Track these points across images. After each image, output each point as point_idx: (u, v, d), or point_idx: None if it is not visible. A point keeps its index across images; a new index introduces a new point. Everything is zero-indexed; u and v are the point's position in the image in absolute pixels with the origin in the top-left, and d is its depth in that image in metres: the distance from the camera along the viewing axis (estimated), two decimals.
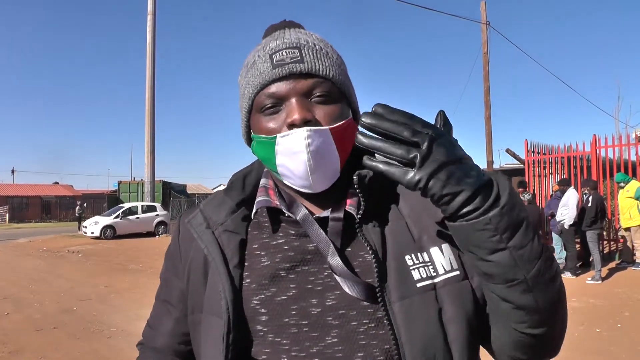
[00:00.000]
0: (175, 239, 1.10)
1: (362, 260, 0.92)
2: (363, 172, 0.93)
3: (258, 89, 0.91)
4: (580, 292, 8.85)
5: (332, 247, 0.90)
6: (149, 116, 24.06)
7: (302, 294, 0.92)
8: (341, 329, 0.88)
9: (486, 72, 14.75)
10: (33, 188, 55.29)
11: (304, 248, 0.95)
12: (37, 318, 7.86)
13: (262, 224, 0.99)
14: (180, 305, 1.06)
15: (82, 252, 17.62)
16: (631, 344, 5.91)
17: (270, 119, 0.91)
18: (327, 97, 0.91)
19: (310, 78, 0.90)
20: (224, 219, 1.00)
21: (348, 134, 0.93)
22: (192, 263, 1.01)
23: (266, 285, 0.93)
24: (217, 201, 1.05)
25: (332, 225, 0.93)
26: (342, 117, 0.92)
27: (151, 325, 1.15)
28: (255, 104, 0.93)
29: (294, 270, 0.93)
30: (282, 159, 0.91)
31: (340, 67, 0.96)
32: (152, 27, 24.04)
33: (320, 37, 0.98)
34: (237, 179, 1.05)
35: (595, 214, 10.01)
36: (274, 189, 1.01)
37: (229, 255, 0.96)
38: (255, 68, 0.92)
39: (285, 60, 0.90)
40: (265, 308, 0.92)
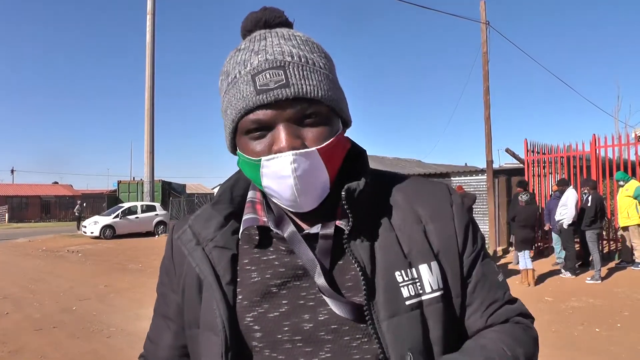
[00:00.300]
0: (168, 254, 1.08)
1: (353, 274, 0.90)
2: (352, 185, 0.91)
3: (242, 114, 0.87)
4: (580, 291, 8.86)
5: (318, 268, 0.88)
6: (149, 116, 24.04)
7: (294, 309, 0.91)
8: (334, 344, 0.88)
9: (486, 72, 14.73)
10: (32, 188, 55.27)
11: (294, 264, 0.92)
12: (37, 318, 7.86)
13: (253, 238, 0.96)
14: (178, 319, 1.05)
15: (81, 252, 17.61)
16: (631, 343, 5.91)
17: (257, 143, 0.88)
18: (316, 119, 0.87)
19: (297, 102, 0.85)
20: (213, 234, 0.98)
21: (338, 150, 0.91)
22: (186, 278, 1.00)
23: (258, 302, 0.92)
24: (206, 215, 1.01)
25: (322, 243, 0.91)
26: (331, 134, 0.89)
27: (151, 338, 1.14)
28: (240, 127, 0.89)
29: (285, 286, 0.92)
30: (268, 182, 0.88)
31: (328, 77, 0.90)
32: (151, 26, 24.01)
33: (304, 39, 0.92)
34: (224, 192, 1.03)
35: (595, 214, 10.02)
36: (262, 202, 0.99)
37: (221, 272, 0.94)
38: (237, 89, 0.87)
39: (269, 84, 0.84)
40: (259, 325, 0.91)
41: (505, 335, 0.92)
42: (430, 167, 26.01)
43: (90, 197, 49.35)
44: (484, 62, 14.76)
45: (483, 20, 14.86)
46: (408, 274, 0.90)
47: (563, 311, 7.65)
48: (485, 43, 14.79)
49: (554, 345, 5.93)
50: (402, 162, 27.78)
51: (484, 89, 14.66)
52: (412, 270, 0.90)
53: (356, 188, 0.91)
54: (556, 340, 6.16)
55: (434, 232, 0.96)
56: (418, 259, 0.92)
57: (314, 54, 0.91)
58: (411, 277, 0.90)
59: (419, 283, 0.90)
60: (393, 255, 0.91)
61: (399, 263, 0.90)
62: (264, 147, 0.87)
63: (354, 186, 0.91)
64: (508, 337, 0.91)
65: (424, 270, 0.91)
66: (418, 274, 0.91)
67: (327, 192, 0.92)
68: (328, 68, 0.92)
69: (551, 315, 7.43)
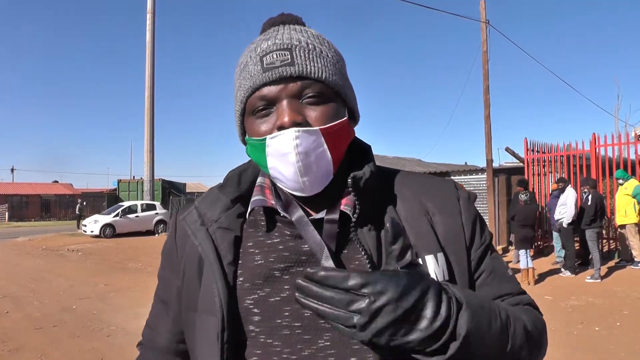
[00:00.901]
0: (171, 236, 1.09)
1: (358, 263, 0.90)
2: (358, 173, 0.92)
3: (249, 92, 0.90)
4: (580, 290, 8.87)
5: (325, 251, 0.88)
6: (149, 115, 24.04)
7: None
8: (334, 333, 0.88)
9: (485, 71, 14.74)
10: (32, 186, 55.26)
11: (299, 249, 0.93)
12: (37, 316, 7.86)
13: (258, 222, 0.97)
14: (177, 303, 1.05)
15: (81, 251, 17.61)
16: (630, 342, 5.92)
17: (262, 121, 0.90)
18: (319, 98, 0.89)
19: (301, 80, 0.88)
20: (218, 215, 0.99)
21: (342, 135, 0.92)
22: (187, 260, 1.00)
23: (260, 285, 0.92)
24: (212, 197, 1.03)
25: (327, 227, 0.92)
26: (335, 117, 0.90)
27: (150, 325, 1.14)
28: (248, 107, 0.92)
29: (288, 271, 0.92)
30: (272, 161, 0.89)
31: (335, 66, 0.93)
32: (151, 25, 23.99)
33: (316, 34, 0.96)
34: (232, 176, 1.04)
35: (595, 213, 10.02)
36: (270, 188, 1.00)
37: (223, 252, 0.94)
38: (247, 70, 0.91)
39: (275, 63, 0.88)
40: (259, 308, 0.91)
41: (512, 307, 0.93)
42: (430, 166, 26.01)
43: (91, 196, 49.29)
44: (483, 61, 14.76)
45: (483, 19, 14.86)
46: None
47: (563, 310, 7.66)
48: (485, 42, 14.79)
49: (554, 344, 5.92)
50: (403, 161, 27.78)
51: (484, 88, 14.66)
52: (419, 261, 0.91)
53: (362, 176, 0.92)
54: (556, 339, 6.16)
55: (441, 225, 0.97)
56: (424, 250, 0.93)
57: (323, 46, 0.94)
58: None
59: None
60: None
61: None
62: (269, 125, 0.89)
63: (360, 174, 0.92)
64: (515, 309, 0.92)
65: (430, 261, 0.92)
66: (424, 264, 0.91)
67: (330, 177, 0.92)
68: (336, 59, 0.95)
69: (551, 314, 7.43)
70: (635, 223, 10.26)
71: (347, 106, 0.96)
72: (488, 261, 1.00)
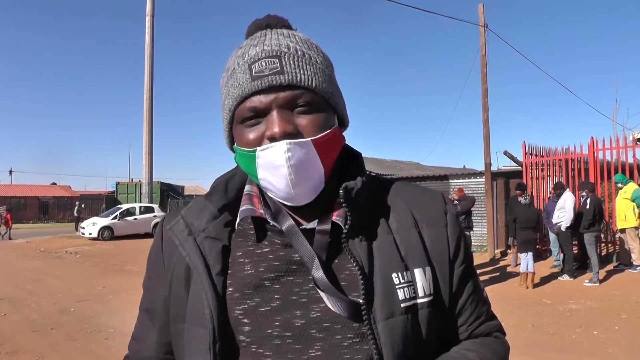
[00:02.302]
0: (157, 245, 1.06)
1: (348, 273, 0.90)
2: (350, 184, 0.91)
3: (238, 102, 0.88)
4: (578, 294, 8.87)
5: (316, 261, 0.88)
6: (147, 117, 24.05)
7: (286, 305, 0.90)
8: (325, 342, 0.87)
9: (484, 74, 14.75)
10: (31, 189, 55.16)
11: (289, 258, 0.92)
12: (35, 319, 7.85)
13: (247, 232, 0.96)
14: (163, 314, 1.02)
15: (79, 253, 17.59)
16: (628, 346, 5.92)
17: (251, 130, 0.88)
18: (310, 107, 0.87)
19: (291, 89, 0.86)
20: (205, 225, 0.97)
21: (333, 144, 0.91)
22: (175, 271, 0.98)
23: (250, 294, 0.91)
24: (199, 206, 1.01)
25: (318, 238, 0.91)
26: (326, 126, 0.89)
27: (136, 337, 1.11)
28: (236, 116, 0.90)
29: (278, 281, 0.91)
30: (263, 173, 0.88)
31: (324, 72, 0.91)
32: (150, 28, 24.02)
33: (304, 38, 0.94)
34: (219, 184, 1.02)
35: (593, 217, 10.03)
36: (258, 196, 0.98)
37: (211, 262, 0.93)
38: (235, 78, 0.89)
39: (264, 71, 0.86)
40: (248, 318, 0.89)
41: (485, 347, 0.97)
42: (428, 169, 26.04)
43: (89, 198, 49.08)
44: (482, 65, 14.78)
45: (481, 23, 14.89)
46: (404, 277, 0.90)
47: (561, 314, 7.66)
48: (484, 46, 14.81)
49: (552, 348, 5.94)
50: (401, 164, 27.82)
51: (483, 91, 14.68)
52: (408, 274, 0.91)
53: (354, 187, 0.91)
54: (554, 343, 6.17)
55: (428, 238, 0.97)
56: (414, 263, 0.93)
57: (312, 51, 0.92)
58: (407, 279, 0.90)
59: (413, 287, 0.91)
60: (390, 256, 0.91)
61: (396, 265, 0.91)
62: (258, 135, 0.87)
63: (351, 185, 0.91)
64: (487, 350, 0.96)
65: (419, 275, 0.92)
66: (413, 277, 0.91)
67: (322, 186, 0.91)
68: (325, 65, 0.93)
69: (549, 317, 7.44)
70: (635, 227, 10.28)
71: (337, 113, 0.95)
72: (470, 283, 1.01)
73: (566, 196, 10.29)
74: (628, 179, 10.79)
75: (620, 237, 10.93)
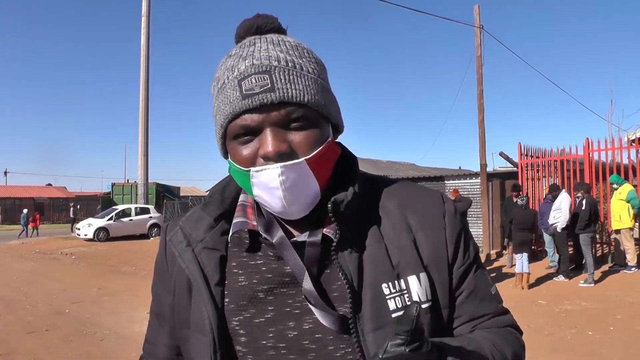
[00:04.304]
0: (162, 253, 1.08)
1: (340, 284, 0.90)
2: (339, 197, 0.90)
3: (229, 119, 0.87)
4: (573, 295, 8.90)
5: (306, 274, 0.88)
6: (143, 118, 23.98)
7: (279, 316, 0.91)
8: (318, 353, 0.88)
9: (479, 76, 14.78)
10: (26, 189, 54.97)
11: (282, 271, 0.92)
12: (30, 320, 7.82)
13: (243, 240, 0.97)
14: (171, 318, 1.05)
15: (75, 254, 17.54)
16: (623, 346, 5.94)
17: (244, 147, 0.88)
18: (303, 123, 0.86)
19: (283, 107, 0.84)
20: (202, 235, 0.98)
21: (328, 158, 0.90)
22: (177, 278, 1.00)
23: (244, 306, 0.92)
24: (196, 217, 1.02)
25: (309, 250, 0.91)
26: (320, 141, 0.88)
27: (149, 339, 1.14)
28: (229, 133, 0.89)
29: (272, 293, 0.92)
30: (258, 191, 0.88)
31: (317, 82, 0.89)
32: (146, 28, 23.96)
33: (294, 44, 0.92)
34: (215, 193, 1.03)
35: (589, 217, 10.05)
36: (253, 206, 0.99)
37: (209, 273, 0.94)
38: (225, 94, 0.87)
39: (254, 89, 0.83)
40: (244, 329, 0.91)
41: (495, 335, 0.94)
42: (424, 170, 26.04)
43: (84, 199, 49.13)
44: (477, 66, 14.82)
45: (477, 24, 14.92)
46: (395, 286, 0.90)
47: (556, 314, 7.68)
48: (479, 47, 14.85)
49: (548, 349, 5.95)
50: (397, 165, 27.83)
51: (478, 93, 14.71)
52: (400, 282, 0.90)
53: (343, 199, 0.90)
54: (549, 344, 6.18)
55: (423, 242, 0.95)
56: (407, 270, 0.91)
57: (303, 59, 0.90)
58: (399, 288, 0.90)
59: (407, 295, 0.90)
60: (381, 267, 0.91)
61: (387, 275, 0.90)
62: (251, 152, 0.87)
63: (340, 197, 0.90)
64: (497, 337, 0.93)
65: (413, 282, 0.91)
66: (406, 285, 0.90)
67: (317, 201, 0.91)
68: (317, 73, 0.91)
69: (544, 318, 7.45)
70: (630, 228, 10.31)
71: (331, 122, 0.94)
72: (470, 279, 0.98)
73: (562, 197, 10.32)
74: (623, 180, 10.82)
75: (616, 237, 10.96)
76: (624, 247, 10.45)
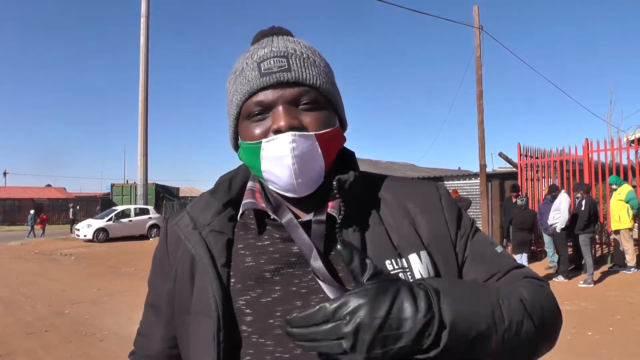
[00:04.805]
0: (162, 241, 1.10)
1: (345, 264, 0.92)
2: (343, 177, 0.95)
3: (246, 97, 0.93)
4: (573, 295, 8.89)
5: (314, 251, 0.90)
6: (142, 119, 23.96)
7: (286, 296, 0.93)
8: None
9: (479, 76, 14.80)
10: (25, 190, 54.95)
11: (288, 251, 0.95)
12: (29, 321, 7.82)
13: (249, 225, 1.00)
14: (169, 308, 1.06)
15: (74, 255, 17.53)
16: (623, 347, 5.94)
17: (257, 125, 0.93)
18: (314, 105, 0.93)
19: (297, 86, 0.91)
20: (210, 219, 1.01)
21: (334, 141, 0.96)
22: (180, 264, 1.01)
23: (251, 286, 0.94)
24: (203, 203, 1.05)
25: (315, 228, 0.94)
26: (328, 124, 0.94)
27: (142, 333, 1.15)
28: (243, 111, 0.95)
29: (278, 273, 0.94)
30: (267, 164, 0.92)
31: (327, 75, 0.97)
32: (145, 29, 23.95)
33: (308, 45, 1.00)
34: (223, 181, 1.07)
35: (588, 218, 10.06)
36: (260, 192, 1.02)
37: (216, 254, 0.96)
38: (243, 76, 0.94)
39: (272, 69, 0.91)
40: (251, 309, 0.93)
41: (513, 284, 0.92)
42: (423, 170, 26.07)
43: (84, 200, 49.10)
44: (477, 67, 14.83)
45: (476, 24, 14.94)
46: (398, 263, 0.93)
47: None
48: (479, 47, 14.86)
49: None
50: (396, 165, 27.85)
51: (477, 93, 14.73)
52: (402, 260, 0.93)
53: (347, 179, 0.95)
54: None
55: (423, 224, 0.99)
56: (407, 249, 0.95)
57: (315, 56, 0.98)
58: (401, 266, 0.93)
59: (410, 272, 0.92)
60: (383, 245, 0.94)
61: (389, 253, 0.94)
62: (264, 129, 0.92)
63: (345, 177, 0.95)
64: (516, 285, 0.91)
65: (414, 260, 0.94)
66: (408, 263, 0.93)
67: (321, 180, 0.95)
68: (327, 70, 0.99)
69: None
70: (629, 228, 10.32)
71: (338, 115, 1.00)
72: (470, 245, 1.00)
73: (561, 197, 10.32)
74: (622, 181, 10.83)
75: (615, 238, 10.97)
76: (623, 247, 10.46)
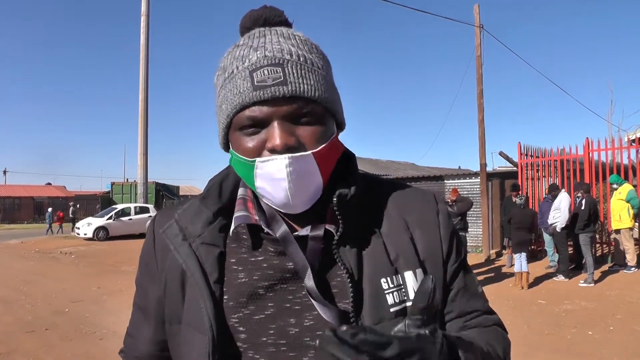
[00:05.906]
0: (149, 246, 1.05)
1: (340, 280, 0.90)
2: (343, 191, 0.91)
3: (237, 109, 0.85)
4: (573, 294, 8.89)
5: (309, 270, 0.88)
6: (142, 117, 23.95)
7: (280, 313, 0.90)
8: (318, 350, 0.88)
9: (479, 75, 14.77)
10: (25, 189, 54.97)
11: (283, 266, 0.92)
12: (29, 320, 7.81)
13: (241, 237, 0.96)
14: (158, 312, 1.02)
15: (74, 254, 17.53)
16: (623, 346, 5.94)
17: (250, 139, 0.86)
18: (312, 118, 0.86)
19: (293, 101, 0.84)
20: (200, 230, 0.96)
21: (332, 153, 0.91)
22: (169, 273, 0.97)
23: (244, 303, 0.91)
24: (193, 210, 1.00)
25: (311, 244, 0.91)
26: (326, 137, 0.88)
27: (131, 333, 1.11)
28: (234, 123, 0.87)
29: (272, 289, 0.91)
30: (261, 182, 0.87)
31: (326, 79, 0.90)
32: (145, 28, 23.94)
33: (304, 39, 0.92)
34: (213, 186, 1.01)
35: (588, 217, 10.06)
36: (252, 200, 0.97)
37: (209, 270, 0.92)
38: (234, 84, 0.86)
39: (266, 81, 0.83)
40: (244, 326, 0.90)
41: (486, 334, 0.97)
42: (424, 169, 26.06)
43: (84, 199, 49.10)
44: (477, 66, 14.81)
45: (477, 23, 14.91)
46: (393, 281, 0.91)
47: (556, 314, 7.68)
48: (479, 46, 14.84)
49: (547, 348, 5.96)
50: (396, 164, 27.84)
51: (478, 92, 14.70)
52: (398, 277, 0.91)
53: (347, 194, 0.91)
54: (549, 343, 6.18)
55: (420, 239, 0.97)
56: (404, 266, 0.93)
57: (313, 54, 0.90)
58: (396, 283, 0.91)
59: (404, 290, 0.91)
60: (380, 262, 0.92)
61: (385, 270, 0.91)
62: (257, 144, 0.86)
63: (344, 192, 0.91)
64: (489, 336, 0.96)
65: (409, 277, 0.92)
66: (403, 281, 0.91)
67: (319, 196, 0.91)
68: (325, 69, 0.91)
69: (544, 318, 7.45)
70: (630, 227, 10.32)
71: (336, 119, 0.94)
72: (461, 278, 1.00)
73: (562, 197, 10.32)
74: (623, 180, 10.83)
75: (615, 237, 10.97)
76: (624, 247, 10.46)
